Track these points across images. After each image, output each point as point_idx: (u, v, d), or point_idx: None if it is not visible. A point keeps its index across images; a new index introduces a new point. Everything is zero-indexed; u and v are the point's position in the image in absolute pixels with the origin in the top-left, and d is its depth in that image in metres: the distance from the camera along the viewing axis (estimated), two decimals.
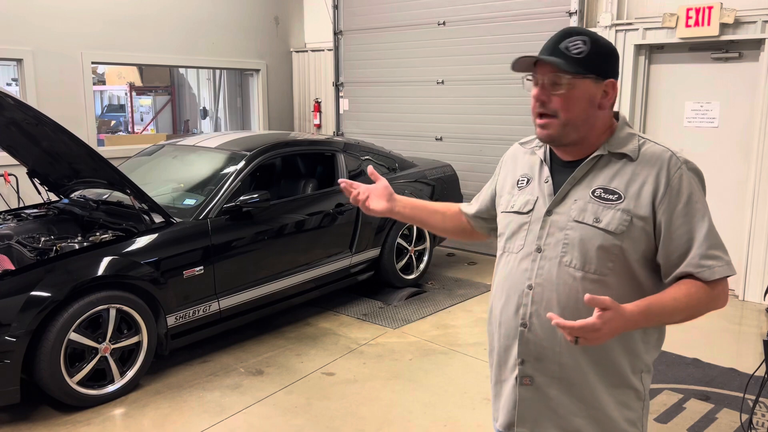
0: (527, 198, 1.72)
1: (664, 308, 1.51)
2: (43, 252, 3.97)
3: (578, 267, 1.59)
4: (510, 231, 1.74)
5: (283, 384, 4.04)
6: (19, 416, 3.62)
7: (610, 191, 1.59)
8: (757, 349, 4.57)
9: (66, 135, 3.81)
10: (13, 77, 10.33)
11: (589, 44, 1.59)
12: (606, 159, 1.64)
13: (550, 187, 1.68)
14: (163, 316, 3.99)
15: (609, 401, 1.64)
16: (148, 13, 7.40)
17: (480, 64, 6.94)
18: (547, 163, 1.73)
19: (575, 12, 6.16)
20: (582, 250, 1.59)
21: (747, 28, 5.33)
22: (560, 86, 1.58)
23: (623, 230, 1.56)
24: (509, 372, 1.72)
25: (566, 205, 1.64)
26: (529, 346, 1.66)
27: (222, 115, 10.56)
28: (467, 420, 3.60)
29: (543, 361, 1.65)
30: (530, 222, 1.69)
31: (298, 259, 4.83)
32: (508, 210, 1.77)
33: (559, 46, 1.59)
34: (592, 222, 1.59)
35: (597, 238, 1.58)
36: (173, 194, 4.68)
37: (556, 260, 1.62)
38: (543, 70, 1.61)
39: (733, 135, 5.61)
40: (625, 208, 1.57)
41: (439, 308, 5.39)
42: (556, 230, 1.64)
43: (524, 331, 1.66)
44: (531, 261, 1.66)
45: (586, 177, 1.64)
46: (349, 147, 5.62)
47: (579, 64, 1.57)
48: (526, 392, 1.69)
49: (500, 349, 1.75)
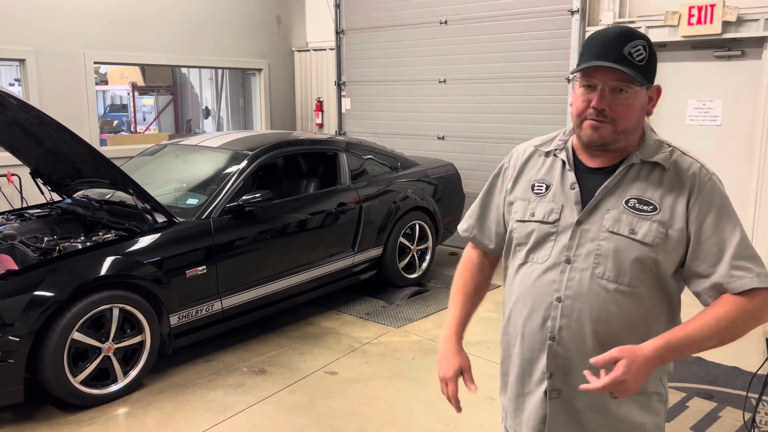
0: (550, 206, 1.64)
1: (688, 338, 1.48)
2: (47, 252, 3.98)
3: (612, 279, 1.55)
4: (533, 241, 1.66)
5: (286, 383, 4.04)
6: (23, 416, 3.63)
7: (645, 202, 1.55)
8: (760, 348, 4.57)
9: (68, 135, 3.82)
10: (16, 77, 10.34)
11: (648, 50, 1.54)
12: (638, 167, 1.58)
13: (578, 195, 1.61)
14: (166, 315, 3.99)
15: (634, 408, 1.62)
16: (150, 13, 7.40)
17: (482, 63, 6.93)
18: (571, 168, 1.64)
19: (577, 10, 6.15)
20: (616, 262, 1.54)
21: (749, 26, 5.31)
22: (625, 95, 1.52)
23: (659, 242, 1.53)
24: (534, 385, 1.68)
25: (598, 215, 1.58)
26: (558, 359, 1.61)
27: (224, 114, 10.56)
28: (470, 419, 3.60)
29: (571, 374, 1.61)
30: (557, 232, 1.62)
31: (300, 258, 4.83)
32: (527, 219, 1.67)
33: (623, 51, 1.50)
34: (627, 233, 1.54)
35: (633, 249, 1.53)
36: (176, 194, 4.68)
37: (588, 272, 1.57)
38: (605, 77, 1.52)
39: (736, 133, 5.60)
40: (660, 220, 1.53)
41: (442, 307, 5.39)
42: (587, 241, 1.58)
43: (553, 344, 1.61)
44: (560, 272, 1.60)
45: (619, 186, 1.58)
46: (351, 146, 5.62)
47: (642, 73, 1.52)
48: (555, 406, 1.65)
49: (523, 363, 1.70)
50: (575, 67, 1.57)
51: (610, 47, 1.51)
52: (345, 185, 5.34)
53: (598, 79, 1.52)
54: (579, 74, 1.56)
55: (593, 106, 1.53)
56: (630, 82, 1.51)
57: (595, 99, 1.53)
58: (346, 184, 5.35)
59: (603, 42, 1.53)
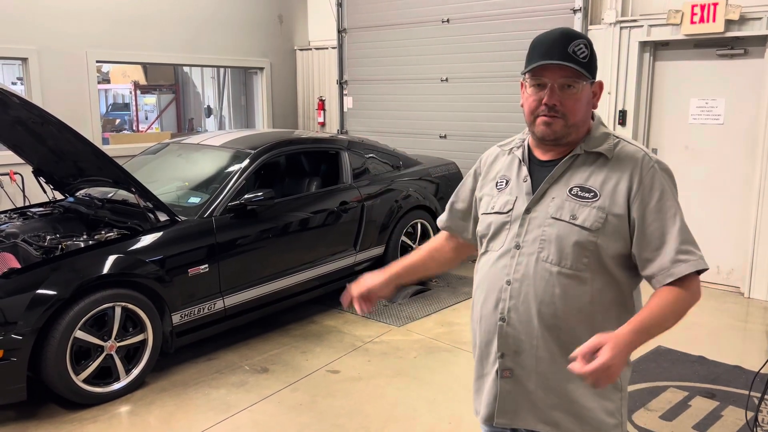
0: (507, 198, 1.76)
1: (654, 320, 1.57)
2: (49, 250, 3.98)
3: (554, 262, 1.65)
4: (492, 231, 1.78)
5: (289, 381, 4.04)
6: (26, 414, 3.64)
7: (586, 189, 1.65)
8: (762, 347, 4.56)
9: (71, 133, 3.82)
10: (19, 76, 10.36)
11: (589, 48, 1.65)
12: (583, 158, 1.69)
13: (529, 186, 1.72)
14: (169, 314, 4.00)
15: (585, 392, 1.67)
16: (152, 12, 7.41)
17: (484, 62, 6.93)
18: (525, 163, 1.76)
19: (579, 9, 6.14)
20: (558, 246, 1.64)
21: (752, 25, 5.30)
22: (573, 90, 1.63)
23: (599, 227, 1.61)
24: (490, 366, 1.78)
25: (544, 203, 1.68)
26: (508, 339, 1.71)
27: (226, 113, 10.57)
28: (471, 417, 3.58)
29: (521, 354, 1.70)
30: (510, 221, 1.73)
31: (302, 257, 4.83)
32: (489, 211, 1.80)
33: (567, 50, 1.61)
34: (568, 219, 1.64)
35: (573, 234, 1.63)
36: (178, 192, 4.69)
37: (534, 256, 1.67)
38: (554, 74, 1.62)
39: (739, 131, 5.59)
40: (600, 206, 1.62)
41: (444, 306, 5.40)
42: (534, 227, 1.68)
43: (503, 325, 1.71)
44: (510, 257, 1.71)
45: (564, 176, 1.69)
46: (353, 145, 5.62)
47: (586, 69, 1.63)
48: (506, 384, 1.74)
49: (482, 344, 1.81)
50: (524, 69, 1.67)
51: (555, 47, 1.62)
52: (347, 184, 5.34)
53: (547, 77, 1.63)
54: (528, 74, 1.66)
55: (545, 102, 1.63)
56: (577, 78, 1.62)
57: (546, 96, 1.63)
58: (348, 183, 5.35)
59: (548, 43, 1.63)
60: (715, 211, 5.71)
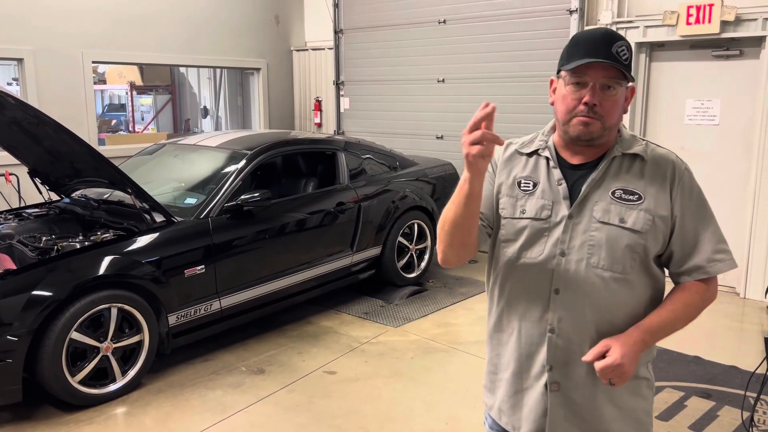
0: (541, 203, 1.68)
1: (663, 321, 1.61)
2: (45, 251, 3.97)
3: (606, 267, 1.61)
4: (526, 237, 1.68)
5: (285, 382, 4.04)
6: (22, 415, 3.62)
7: (630, 192, 1.63)
8: (758, 347, 4.57)
9: (67, 134, 3.81)
10: (14, 77, 10.32)
11: (630, 51, 1.62)
12: (619, 160, 1.67)
13: (566, 190, 1.67)
14: (165, 315, 3.99)
15: (625, 394, 1.68)
16: (148, 13, 7.40)
17: (481, 63, 6.93)
18: (556, 165, 1.70)
19: (576, 10, 6.15)
20: (609, 250, 1.61)
21: (748, 26, 5.32)
22: (613, 91, 1.60)
23: (648, 229, 1.61)
24: (533, 379, 1.70)
25: (588, 208, 1.64)
26: (558, 351, 1.65)
27: (223, 114, 10.55)
28: (469, 418, 3.60)
29: (570, 365, 1.65)
30: (550, 227, 1.66)
31: (299, 257, 4.83)
32: (518, 216, 1.70)
33: (611, 50, 1.57)
34: (617, 222, 1.61)
35: (623, 237, 1.61)
36: (174, 193, 4.68)
37: (583, 262, 1.62)
38: (597, 74, 1.58)
39: (734, 132, 5.61)
40: (646, 208, 1.61)
41: (440, 306, 5.40)
42: (579, 233, 1.63)
43: (552, 336, 1.65)
44: (555, 265, 1.64)
45: (604, 179, 1.65)
46: (349, 146, 5.61)
47: (628, 71, 1.61)
48: (555, 399, 1.67)
49: (521, 358, 1.72)
50: (565, 65, 1.62)
51: (599, 46, 1.58)
52: (344, 185, 5.34)
53: (590, 76, 1.58)
54: (568, 72, 1.61)
55: (586, 101, 1.59)
56: (619, 79, 1.59)
57: (587, 95, 1.59)
58: (345, 184, 5.35)
59: (591, 41, 1.60)
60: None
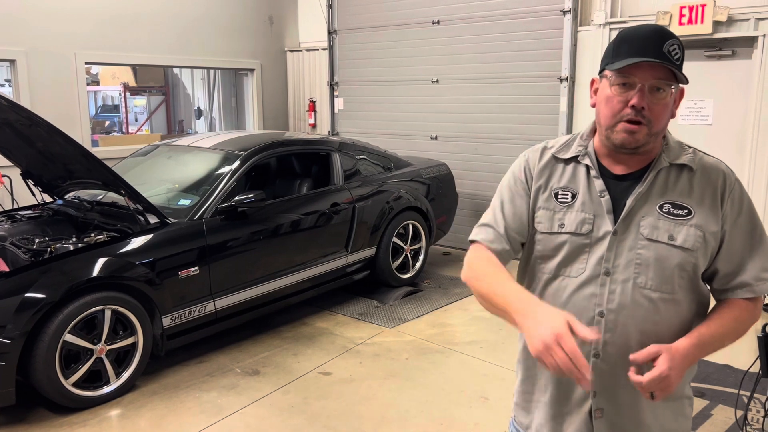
0: (581, 216, 1.55)
1: (713, 335, 1.49)
2: (38, 253, 3.96)
3: (654, 287, 1.50)
4: (565, 253, 1.57)
5: (280, 384, 4.03)
6: (15, 418, 3.61)
7: (679, 206, 1.51)
8: (751, 346, 4.57)
9: (60, 136, 3.80)
10: (6, 78, 10.28)
11: (682, 49, 1.49)
12: (666, 171, 1.54)
13: (609, 203, 1.54)
14: (159, 316, 3.98)
15: (669, 415, 1.60)
16: (142, 13, 7.38)
17: (474, 63, 6.94)
18: (598, 176, 1.56)
19: (569, 10, 6.17)
20: (658, 270, 1.49)
21: (740, 26, 5.35)
22: (663, 94, 1.46)
23: (699, 246, 1.49)
24: (575, 405, 1.60)
25: (634, 223, 1.52)
26: (603, 377, 1.55)
27: (216, 115, 10.54)
28: (464, 418, 3.60)
29: (615, 389, 1.55)
30: (591, 243, 1.54)
31: (293, 258, 4.82)
32: (556, 231, 1.58)
33: (663, 49, 1.44)
34: (667, 240, 1.49)
35: (674, 256, 1.49)
36: (168, 195, 4.67)
37: (629, 282, 1.50)
38: (646, 74, 1.44)
39: (727, 132, 5.63)
40: (697, 224, 1.50)
41: (435, 307, 5.40)
42: (624, 250, 1.51)
43: (597, 361, 1.54)
44: (599, 285, 1.52)
45: (651, 191, 1.53)
46: (344, 146, 5.61)
47: (680, 71, 1.47)
48: (600, 424, 1.58)
49: (560, 382, 1.61)
50: (611, 64, 1.48)
51: (649, 44, 1.44)
52: (338, 185, 5.34)
53: (639, 76, 1.45)
54: (615, 72, 1.48)
55: (633, 104, 1.45)
56: (669, 80, 1.46)
57: (635, 98, 1.45)
58: (339, 185, 5.35)
59: (641, 39, 1.46)
60: None
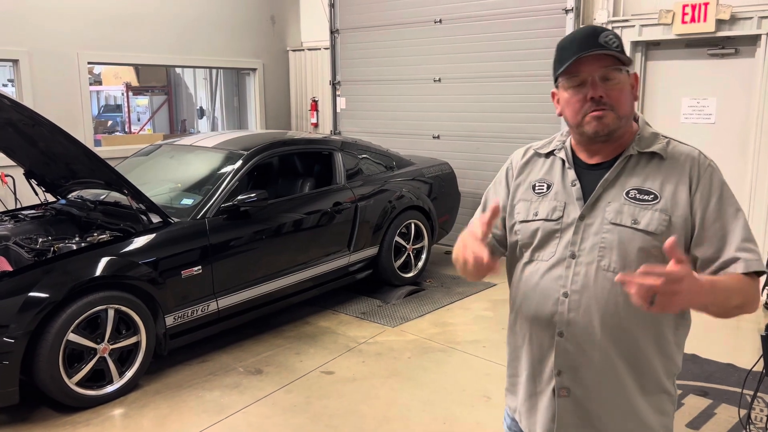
0: (553, 204, 1.65)
1: (727, 286, 1.47)
2: (41, 253, 3.96)
3: (617, 270, 1.54)
4: (539, 239, 1.65)
5: (283, 383, 4.04)
6: (18, 417, 3.62)
7: (645, 191, 1.56)
8: (755, 345, 4.58)
9: (63, 135, 3.80)
10: (9, 78, 10.30)
11: (618, 39, 1.58)
12: (636, 159, 1.60)
13: (579, 191, 1.62)
14: (162, 316, 3.98)
15: (646, 409, 1.61)
16: (144, 13, 7.38)
17: (477, 62, 6.93)
18: (571, 166, 1.66)
19: (572, 9, 6.16)
20: (621, 253, 1.54)
21: (743, 24, 5.33)
22: (614, 81, 1.55)
23: (663, 230, 1.52)
24: (545, 384, 1.67)
25: (600, 208, 1.59)
26: (566, 355, 1.60)
27: (219, 114, 10.55)
28: (466, 417, 3.60)
29: (580, 370, 1.60)
30: (561, 228, 1.62)
31: (296, 258, 4.83)
32: (531, 218, 1.67)
33: (599, 41, 1.54)
34: (630, 224, 1.54)
35: (636, 239, 1.54)
36: (171, 194, 4.68)
37: (593, 265, 1.57)
38: (591, 67, 1.54)
39: (730, 131, 5.62)
40: (662, 208, 1.54)
41: (438, 306, 5.40)
42: (590, 234, 1.58)
43: (561, 340, 1.60)
44: (565, 268, 1.60)
45: (619, 178, 1.60)
46: (346, 146, 5.61)
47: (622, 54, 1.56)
48: (563, 404, 1.63)
49: (533, 361, 1.69)
50: (559, 70, 1.58)
51: (584, 41, 1.55)
52: (340, 185, 5.34)
53: (586, 71, 1.55)
54: (563, 78, 1.58)
55: (590, 96, 1.54)
56: (615, 66, 1.55)
57: (590, 91, 1.55)
58: (342, 184, 5.35)
59: (577, 40, 1.57)
60: None
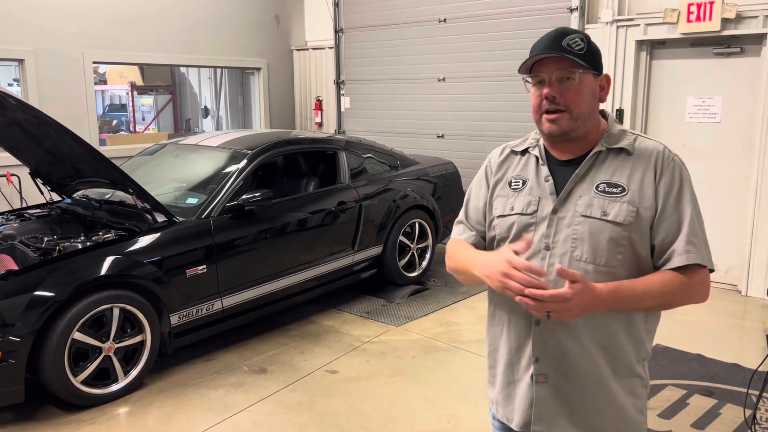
0: (528, 199, 1.73)
1: (633, 291, 1.56)
2: (47, 252, 3.98)
3: (589, 260, 1.62)
4: (514, 233, 1.73)
5: (287, 382, 4.04)
6: (24, 416, 3.63)
7: (613, 185, 1.64)
8: (760, 345, 4.57)
9: (68, 135, 3.82)
10: (15, 77, 10.33)
11: (586, 41, 1.67)
12: (605, 155, 1.69)
13: (552, 186, 1.71)
14: (167, 314, 3.99)
15: (619, 391, 1.68)
16: (149, 13, 7.40)
17: (481, 61, 6.93)
18: (544, 162, 1.75)
19: (576, 8, 6.15)
20: (592, 244, 1.62)
21: (748, 23, 5.31)
22: (571, 80, 1.64)
23: (631, 221, 1.61)
24: (523, 371, 1.73)
25: (571, 202, 1.67)
26: (544, 343, 1.67)
27: (223, 113, 10.56)
28: (470, 417, 3.60)
29: (556, 357, 1.67)
30: (536, 222, 1.70)
31: (300, 257, 4.83)
32: (507, 213, 1.76)
33: (561, 44, 1.63)
34: (599, 215, 1.63)
35: (606, 230, 1.62)
36: (175, 193, 4.68)
37: (567, 256, 1.64)
38: (550, 68, 1.64)
39: (736, 130, 5.60)
40: (630, 200, 1.62)
41: (442, 305, 5.40)
42: (563, 227, 1.66)
43: (537, 329, 1.67)
44: (540, 259, 1.67)
45: (588, 173, 1.68)
46: (350, 145, 5.62)
47: (583, 60, 1.63)
48: (541, 390, 1.70)
49: (511, 351, 1.76)
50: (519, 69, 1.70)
51: (549, 43, 1.65)
52: (345, 184, 5.34)
53: (544, 71, 1.65)
54: (529, 75, 1.69)
55: (544, 94, 1.65)
56: (573, 68, 1.63)
57: (546, 90, 1.65)
58: (346, 183, 5.35)
59: (543, 41, 1.67)
60: (712, 210, 5.70)
